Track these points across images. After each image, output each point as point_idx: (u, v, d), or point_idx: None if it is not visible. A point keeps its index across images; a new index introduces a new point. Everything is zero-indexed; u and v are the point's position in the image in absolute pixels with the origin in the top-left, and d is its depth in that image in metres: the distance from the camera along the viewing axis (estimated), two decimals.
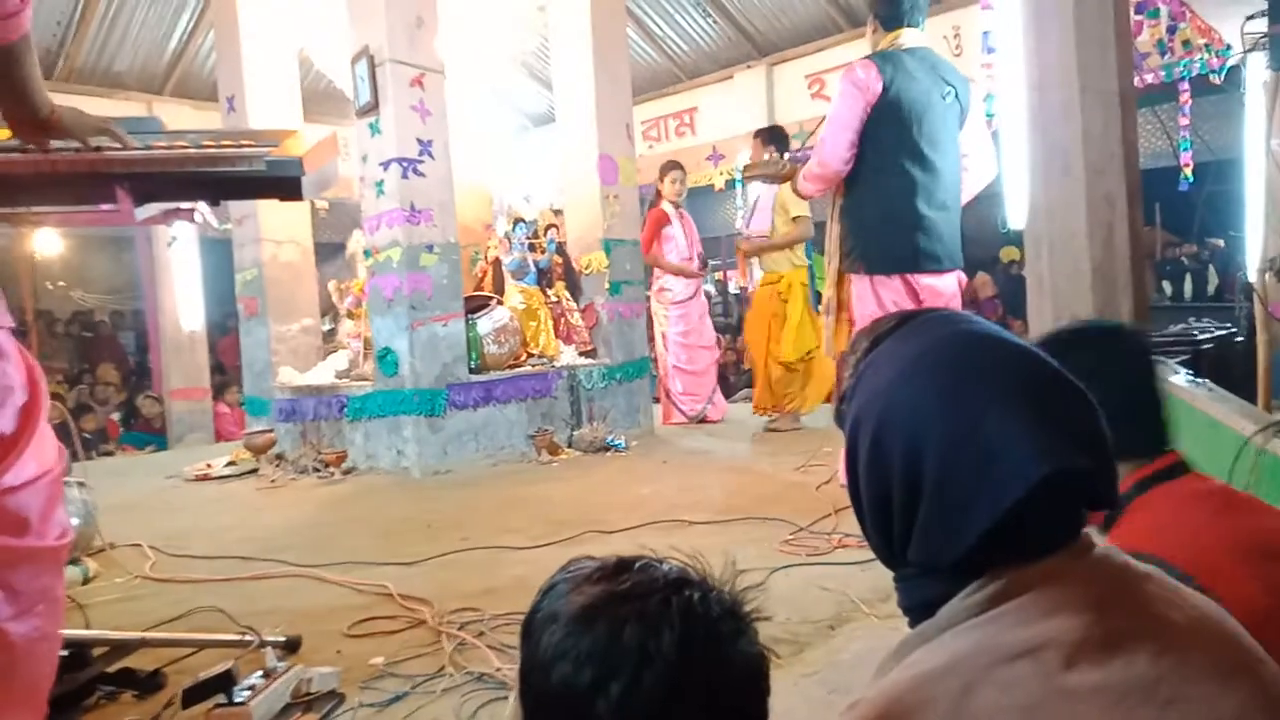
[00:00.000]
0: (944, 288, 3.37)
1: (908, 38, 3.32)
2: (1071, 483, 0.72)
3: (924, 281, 3.32)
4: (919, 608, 0.77)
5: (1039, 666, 0.65)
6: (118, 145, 1.60)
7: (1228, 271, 8.37)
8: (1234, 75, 4.92)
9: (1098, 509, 0.77)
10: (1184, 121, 5.84)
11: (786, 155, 5.02)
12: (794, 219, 5.32)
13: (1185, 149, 5.78)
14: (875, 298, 3.32)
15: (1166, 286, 9.03)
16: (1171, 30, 5.28)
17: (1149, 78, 5.65)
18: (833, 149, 3.28)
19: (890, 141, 3.24)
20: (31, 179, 1.66)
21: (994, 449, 0.70)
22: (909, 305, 3.30)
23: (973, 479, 0.71)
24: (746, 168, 3.86)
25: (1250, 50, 3.69)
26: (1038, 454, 0.70)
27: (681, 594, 0.75)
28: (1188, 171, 5.78)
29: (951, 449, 0.71)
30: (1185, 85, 5.69)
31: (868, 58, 3.30)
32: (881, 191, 3.28)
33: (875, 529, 0.79)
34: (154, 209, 2.04)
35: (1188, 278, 9.08)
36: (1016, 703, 0.64)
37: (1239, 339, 4.78)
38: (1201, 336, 4.64)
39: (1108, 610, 0.69)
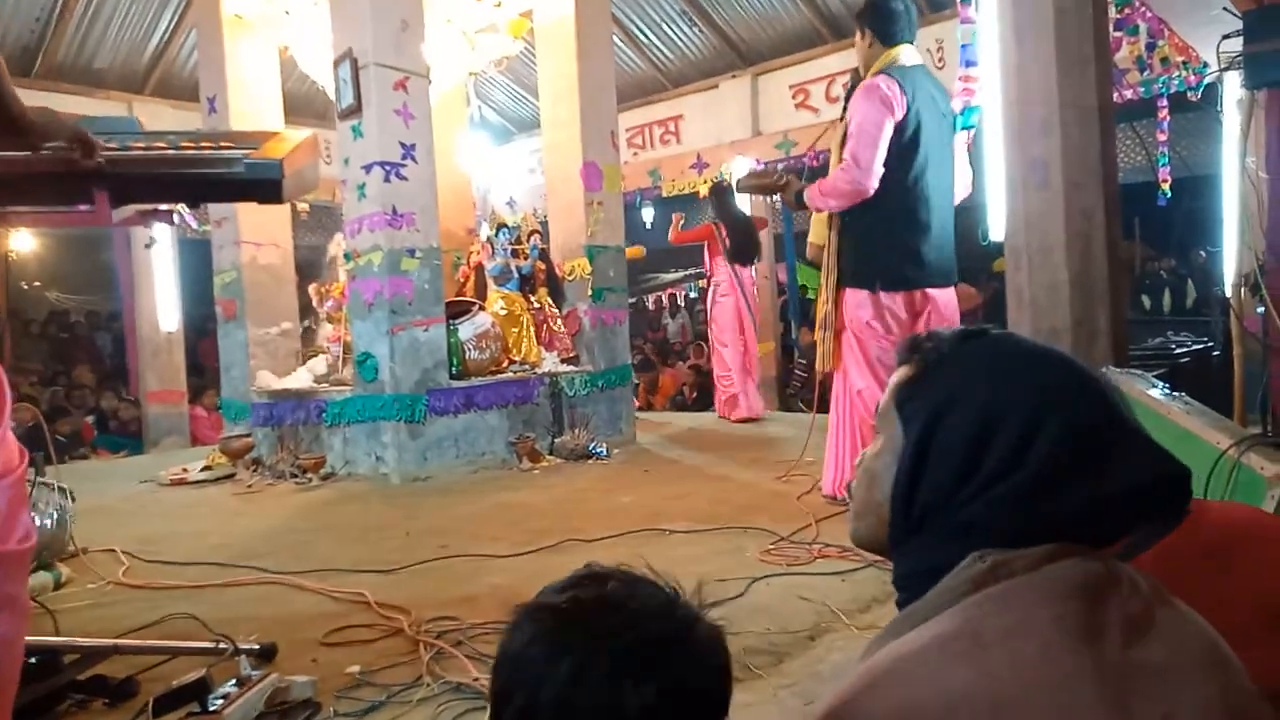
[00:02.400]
0: (947, 300, 3.45)
1: (906, 54, 3.35)
2: (1159, 492, 0.77)
3: (931, 294, 3.39)
4: (922, 574, 0.79)
5: (1013, 653, 0.67)
6: (90, 151, 1.57)
7: (1205, 286, 8.48)
8: (1211, 93, 4.99)
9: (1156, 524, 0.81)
10: (1162, 137, 5.92)
11: (781, 166, 5.04)
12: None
13: (1163, 164, 5.86)
14: (876, 311, 3.33)
15: (1145, 300, 9.14)
16: (1151, 47, 5.34)
17: (1128, 94, 5.72)
18: (868, 167, 3.23)
19: (903, 158, 3.27)
20: (5, 178, 1.64)
21: (1105, 447, 0.76)
22: (907, 319, 3.35)
23: (1079, 466, 0.75)
24: (739, 180, 3.85)
25: (1227, 69, 3.73)
26: (1138, 465, 0.76)
27: (603, 620, 0.75)
28: (1166, 187, 5.85)
29: (1071, 432, 0.76)
30: (1164, 102, 5.76)
31: (886, 73, 3.28)
32: (892, 208, 3.29)
33: (941, 484, 0.79)
34: (131, 210, 2.02)
35: (1166, 292, 9.20)
36: (987, 684, 0.66)
37: (1215, 353, 4.84)
38: (1179, 350, 4.70)
39: (1083, 602, 0.71)
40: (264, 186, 1.88)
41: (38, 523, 2.90)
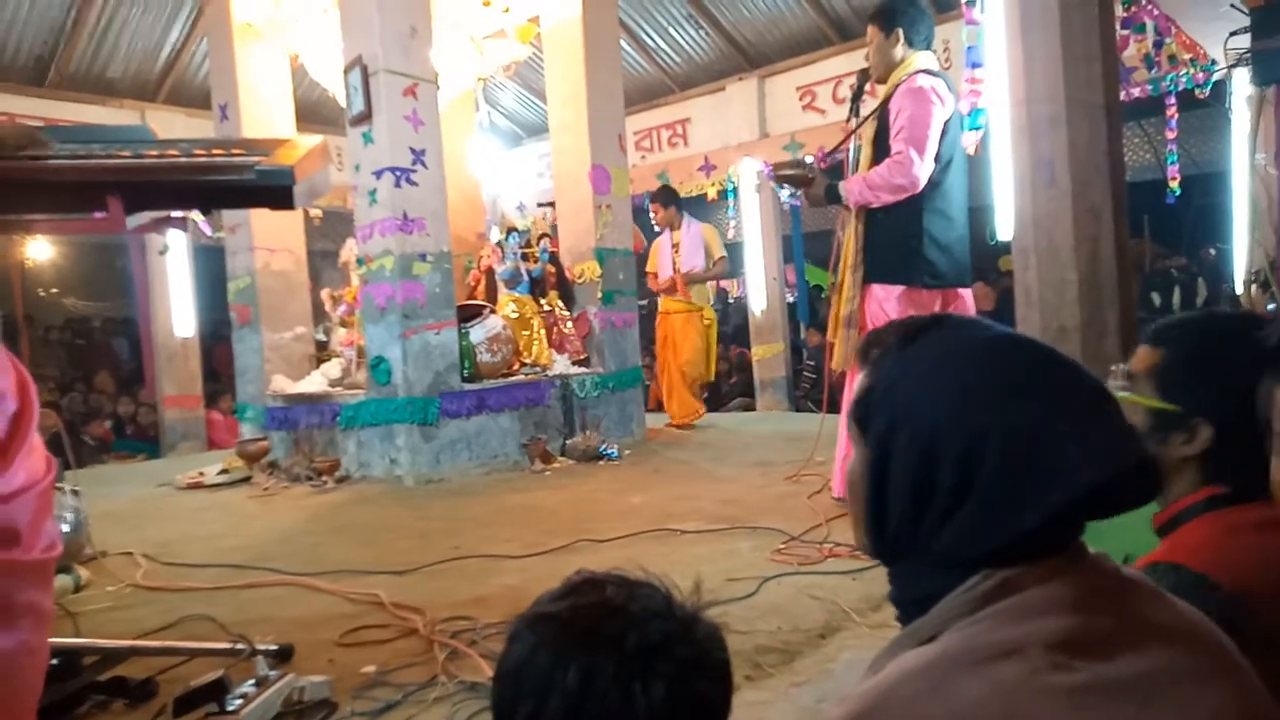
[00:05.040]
0: (970, 299, 3.51)
1: (928, 59, 3.39)
2: (1115, 488, 0.75)
3: (961, 292, 3.43)
4: (917, 601, 0.79)
5: (1023, 665, 0.67)
6: (45, 154, 1.58)
7: (1216, 283, 8.44)
8: (1218, 90, 4.97)
9: (1125, 509, 0.79)
10: (1170, 135, 5.88)
11: (810, 160, 5.12)
12: (718, 259, 6.30)
13: (1172, 162, 5.83)
14: (903, 308, 3.33)
15: (1155, 298, 9.09)
16: (1158, 45, 5.32)
17: (1136, 92, 5.70)
18: (927, 163, 3.26)
19: (940, 157, 3.30)
20: (20, 186, 1.67)
21: (1056, 448, 0.73)
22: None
23: (1031, 475, 0.73)
24: (777, 166, 3.85)
25: (1234, 66, 3.74)
26: (1097, 457, 0.72)
27: (606, 625, 0.75)
28: (1174, 185, 5.82)
29: (1014, 443, 0.73)
30: (1172, 99, 5.74)
31: (930, 73, 3.32)
32: (933, 204, 3.32)
33: (904, 516, 0.79)
34: (145, 217, 2.04)
35: (1176, 289, 9.14)
36: (999, 697, 0.66)
37: None
38: None
39: (1093, 613, 0.71)
40: (275, 193, 1.89)
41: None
